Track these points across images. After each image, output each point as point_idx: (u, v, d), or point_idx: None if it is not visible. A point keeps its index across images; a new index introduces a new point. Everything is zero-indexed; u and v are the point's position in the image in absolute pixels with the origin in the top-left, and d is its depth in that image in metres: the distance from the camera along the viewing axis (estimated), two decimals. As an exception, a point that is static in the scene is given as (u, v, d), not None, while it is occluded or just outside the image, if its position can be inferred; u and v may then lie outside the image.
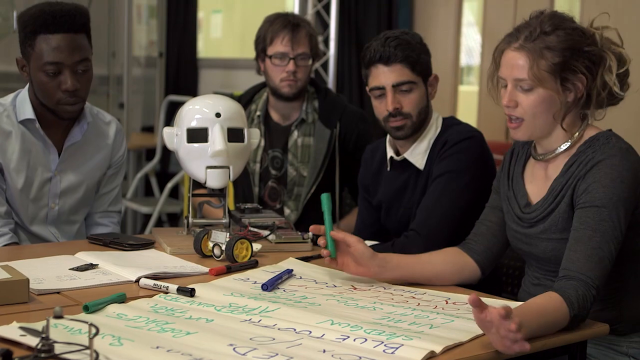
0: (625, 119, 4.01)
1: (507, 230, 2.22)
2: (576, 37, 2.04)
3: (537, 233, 2.11)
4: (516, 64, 2.04)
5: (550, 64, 2.02)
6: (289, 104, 3.13)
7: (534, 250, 2.14)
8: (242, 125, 2.47)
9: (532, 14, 2.10)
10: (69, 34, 2.47)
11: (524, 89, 2.04)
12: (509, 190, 2.21)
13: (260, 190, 3.18)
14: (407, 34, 2.56)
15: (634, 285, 2.13)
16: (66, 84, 2.46)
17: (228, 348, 1.58)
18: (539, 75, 2.02)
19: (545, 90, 2.03)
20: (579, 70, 2.03)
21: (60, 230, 2.65)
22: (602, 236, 1.93)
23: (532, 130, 2.08)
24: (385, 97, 2.53)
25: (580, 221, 1.97)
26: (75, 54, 2.47)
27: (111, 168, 2.75)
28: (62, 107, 2.51)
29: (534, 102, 2.04)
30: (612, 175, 1.98)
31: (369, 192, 2.76)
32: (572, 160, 2.06)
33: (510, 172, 2.23)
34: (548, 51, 2.02)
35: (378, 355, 1.58)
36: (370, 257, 2.09)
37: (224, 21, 7.57)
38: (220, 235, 2.30)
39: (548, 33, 2.03)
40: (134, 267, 2.13)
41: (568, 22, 2.06)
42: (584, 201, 1.99)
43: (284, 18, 3.08)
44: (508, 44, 2.07)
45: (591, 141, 2.06)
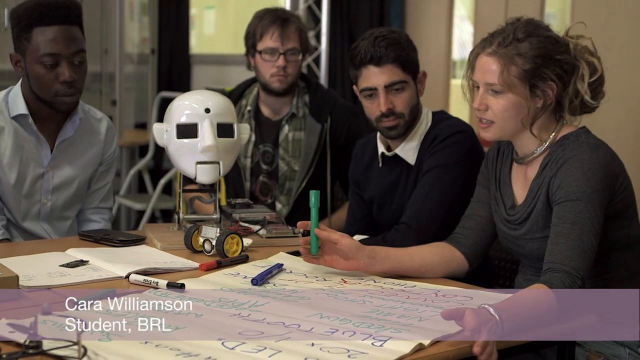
0: (619, 115, 4.04)
1: (497, 231, 2.25)
2: (549, 45, 2.08)
3: (522, 235, 2.16)
4: (488, 69, 2.09)
5: (521, 70, 2.07)
6: (280, 99, 3.14)
7: (522, 251, 2.19)
8: (232, 120, 2.47)
9: (509, 20, 2.15)
10: (64, 25, 2.48)
11: (495, 93, 2.09)
12: (496, 191, 2.25)
13: (252, 185, 3.19)
14: (394, 33, 2.56)
15: (621, 275, 2.16)
16: (64, 75, 2.47)
17: (217, 342, 1.58)
18: (509, 81, 2.07)
19: (514, 95, 2.08)
20: (549, 78, 2.08)
21: (52, 227, 2.66)
22: (581, 228, 1.96)
23: (501, 132, 2.13)
24: (377, 98, 2.53)
25: (558, 216, 2.01)
26: (71, 45, 2.49)
27: (103, 164, 2.75)
28: (60, 99, 2.51)
29: (504, 107, 2.09)
30: (583, 168, 2.02)
31: (360, 187, 2.76)
32: (547, 160, 2.11)
33: (497, 172, 2.26)
34: (519, 57, 2.06)
35: (366, 348, 1.58)
36: (357, 250, 2.10)
37: (216, 17, 7.56)
38: (211, 230, 2.30)
39: (521, 40, 2.07)
40: (124, 263, 2.13)
41: (542, 30, 2.10)
42: (560, 197, 2.03)
43: (273, 13, 3.09)
44: (482, 48, 2.12)
45: (562, 140, 2.11)
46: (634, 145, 4.05)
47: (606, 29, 4.15)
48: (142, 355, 1.52)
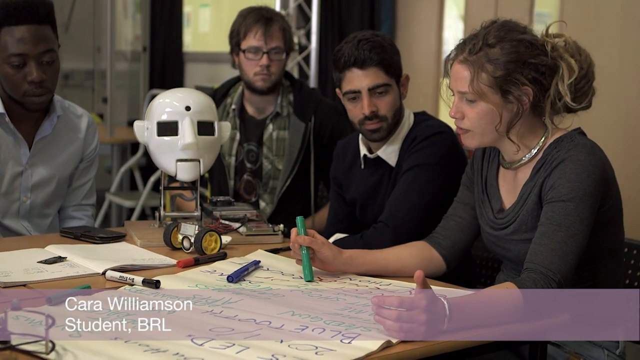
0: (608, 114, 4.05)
1: (482, 233, 2.23)
2: (521, 49, 2.02)
3: (509, 234, 2.12)
4: (460, 77, 2.05)
5: (491, 77, 2.01)
6: (264, 98, 3.15)
7: (508, 254, 2.16)
8: (212, 118, 2.48)
9: (483, 24, 2.09)
10: (32, 25, 2.47)
11: (468, 101, 2.05)
12: (482, 194, 2.22)
13: (236, 184, 3.20)
14: (378, 36, 2.56)
15: (606, 282, 2.13)
16: (32, 75, 2.48)
17: (186, 339, 1.59)
18: (479, 89, 2.02)
19: (486, 104, 2.03)
20: (521, 83, 2.01)
21: (32, 224, 2.66)
22: (567, 231, 1.93)
23: (479, 139, 2.09)
24: (360, 100, 2.54)
25: (546, 216, 1.98)
26: (39, 45, 2.48)
27: (83, 161, 2.76)
28: (29, 99, 2.52)
29: (477, 115, 2.05)
30: (578, 170, 1.98)
31: (342, 188, 2.78)
32: (540, 164, 2.07)
33: (484, 175, 2.23)
34: (490, 64, 2.01)
35: (335, 345, 1.59)
36: (334, 258, 2.11)
37: (211, 15, 7.57)
38: (190, 227, 2.32)
39: (492, 45, 2.02)
40: (102, 260, 2.14)
41: (515, 34, 2.04)
42: (551, 197, 1.99)
43: (257, 12, 3.09)
44: (456, 56, 2.08)
45: (556, 142, 2.06)
46: (622, 145, 4.06)
47: (595, 28, 4.16)
48: (110, 351, 1.53)
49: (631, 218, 3.79)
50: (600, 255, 2.10)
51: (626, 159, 4.00)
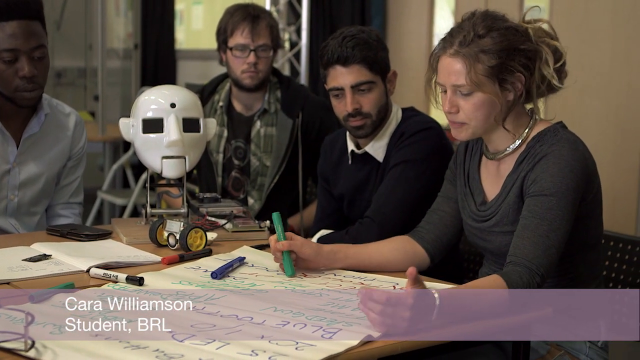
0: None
1: (464, 225, 2.23)
2: (510, 36, 2.02)
3: (490, 226, 2.13)
4: (453, 70, 2.03)
5: (487, 67, 2.01)
6: (252, 95, 3.15)
7: (489, 246, 2.16)
8: (198, 115, 2.48)
9: (464, 16, 2.08)
10: (23, 20, 2.48)
11: (463, 94, 2.04)
12: (465, 187, 2.22)
13: (224, 181, 3.20)
14: (364, 32, 2.55)
15: (586, 274, 2.15)
16: (23, 70, 2.48)
17: (167, 335, 1.60)
18: (477, 80, 2.01)
19: (484, 94, 2.03)
20: (515, 69, 2.03)
21: (20, 222, 2.67)
22: (549, 224, 1.94)
23: (473, 131, 2.09)
24: (344, 98, 2.54)
25: (528, 209, 1.99)
26: (31, 40, 2.49)
27: (71, 160, 2.76)
28: (20, 94, 2.52)
29: (475, 106, 2.04)
30: (561, 164, 1.99)
31: (329, 183, 2.78)
32: (523, 156, 2.07)
33: (466, 168, 2.24)
34: (484, 54, 2.01)
35: (316, 340, 1.60)
36: (317, 254, 2.12)
37: (204, 12, 7.58)
38: (175, 224, 2.32)
39: (482, 36, 2.02)
40: (86, 257, 2.15)
41: (500, 22, 2.04)
42: (533, 190, 2.00)
43: (244, 10, 3.10)
44: (443, 49, 2.07)
45: (540, 136, 2.07)
46: (612, 139, 4.07)
47: (585, 24, 4.17)
48: (90, 348, 1.53)
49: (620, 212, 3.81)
50: (580, 248, 2.11)
51: (616, 153, 4.00)
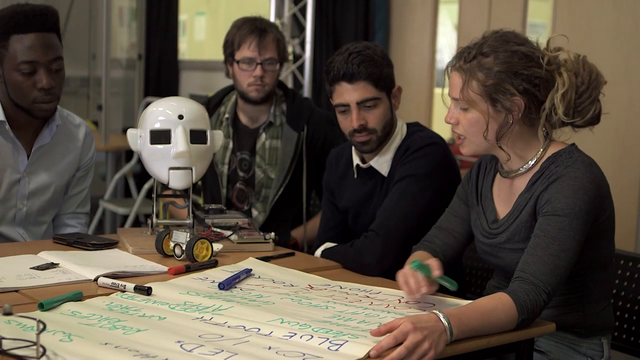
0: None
1: (475, 243, 2.25)
2: (515, 59, 2.04)
3: (501, 243, 2.14)
4: (454, 84, 2.09)
5: (481, 85, 2.04)
6: (257, 107, 3.17)
7: (500, 263, 2.18)
8: (205, 127, 2.50)
9: (485, 33, 2.11)
10: (41, 33, 2.51)
11: (462, 108, 2.09)
12: (477, 205, 2.24)
13: (229, 192, 3.22)
14: (369, 49, 2.56)
15: (595, 293, 2.16)
16: (42, 82, 2.50)
17: (175, 345, 1.62)
18: (468, 97, 2.05)
19: (476, 111, 2.06)
20: (511, 93, 2.03)
21: (27, 231, 2.68)
22: (560, 245, 1.96)
23: (474, 147, 2.12)
24: (349, 114, 2.56)
25: (540, 228, 2.00)
26: (49, 53, 2.52)
27: (80, 170, 2.78)
28: (38, 106, 2.54)
29: (469, 122, 2.08)
30: (575, 186, 2.00)
31: (334, 196, 2.80)
32: (537, 177, 2.09)
33: (479, 187, 2.25)
34: (481, 73, 2.04)
35: (322, 352, 1.62)
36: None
37: (207, 23, 7.61)
38: (181, 235, 2.34)
39: (486, 54, 2.05)
40: (93, 266, 2.16)
41: (511, 45, 2.05)
42: (546, 210, 2.01)
43: (251, 23, 3.12)
44: (453, 63, 2.11)
45: (554, 157, 2.09)
46: (612, 156, 4.09)
47: (586, 40, 4.19)
48: (100, 355, 1.55)
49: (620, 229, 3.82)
50: (590, 267, 2.13)
51: (616, 170, 4.02)
